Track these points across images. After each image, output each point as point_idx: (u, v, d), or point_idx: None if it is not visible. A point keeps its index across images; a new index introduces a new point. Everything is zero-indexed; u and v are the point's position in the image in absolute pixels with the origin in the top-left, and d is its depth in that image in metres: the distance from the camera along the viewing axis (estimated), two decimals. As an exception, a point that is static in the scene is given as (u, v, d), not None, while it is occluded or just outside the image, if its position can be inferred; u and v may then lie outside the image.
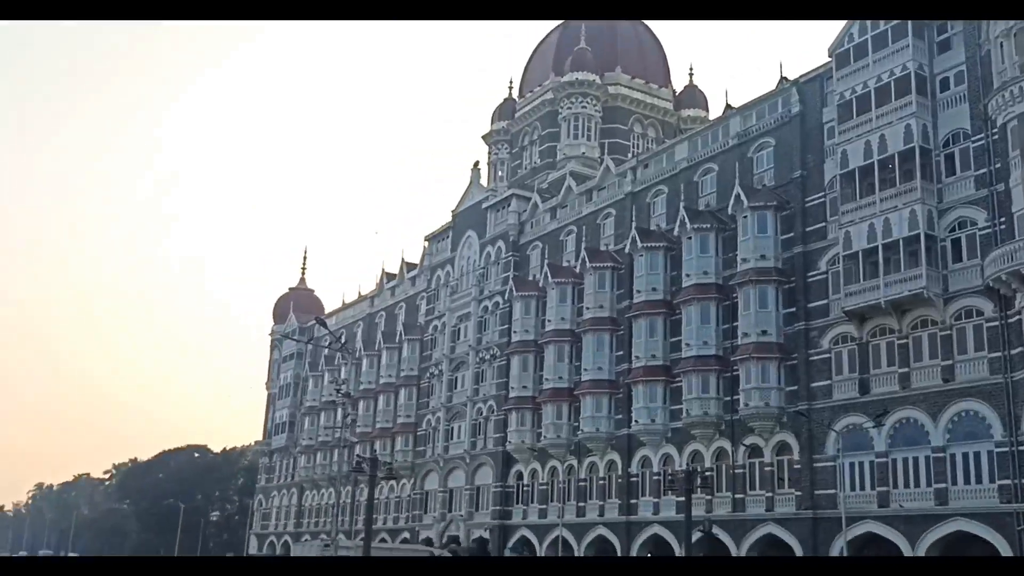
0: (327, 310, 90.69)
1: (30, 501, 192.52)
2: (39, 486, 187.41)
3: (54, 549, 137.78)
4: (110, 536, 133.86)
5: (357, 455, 61.08)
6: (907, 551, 36.60)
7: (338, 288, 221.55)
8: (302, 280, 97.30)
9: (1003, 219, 35.74)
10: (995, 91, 36.21)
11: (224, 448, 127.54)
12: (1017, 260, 33.74)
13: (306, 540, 69.16)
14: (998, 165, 36.41)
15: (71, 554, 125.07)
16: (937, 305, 37.39)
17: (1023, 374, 34.02)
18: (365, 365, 76.22)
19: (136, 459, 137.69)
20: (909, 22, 39.55)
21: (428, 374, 69.76)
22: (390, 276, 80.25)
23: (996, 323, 35.65)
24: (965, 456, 36.00)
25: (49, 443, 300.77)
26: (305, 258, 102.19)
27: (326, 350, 78.56)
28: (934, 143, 39.03)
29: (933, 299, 37.22)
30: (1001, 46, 36.53)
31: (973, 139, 37.89)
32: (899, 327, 38.84)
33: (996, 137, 36.61)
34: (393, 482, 69.03)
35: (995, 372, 35.30)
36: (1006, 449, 34.42)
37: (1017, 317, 34.66)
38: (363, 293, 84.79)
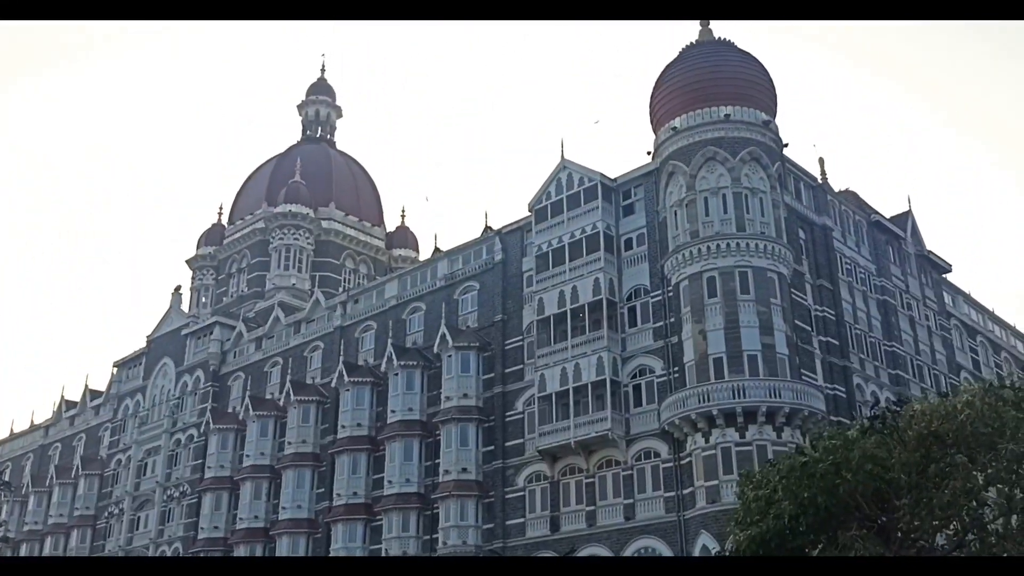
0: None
1: None
2: None
3: None
4: None
5: (12, 608, 53.87)
6: None
7: (7, 416, 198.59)
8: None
9: (676, 368, 39.57)
10: (670, 253, 40.69)
11: None
12: (688, 406, 37.32)
13: None
14: (672, 319, 40.54)
15: None
16: (620, 446, 40.19)
17: (693, 512, 37.05)
18: (32, 503, 68.11)
19: None
20: (599, 185, 43.81)
21: (107, 513, 63.62)
22: (70, 404, 73.27)
23: (671, 464, 38.82)
24: (644, 591, 38.15)
25: None
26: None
27: (-15, 486, 69.50)
28: (619, 296, 42.81)
29: (617, 440, 40.00)
30: (675, 214, 41.35)
31: (652, 294, 42.01)
32: (587, 466, 41.16)
33: (671, 294, 40.91)
34: (55, 638, 61.14)
35: (669, 510, 38.22)
36: (679, 583, 36.96)
37: (688, 459, 37.99)
38: (36, 422, 76.64)
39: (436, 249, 58.73)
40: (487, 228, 51.62)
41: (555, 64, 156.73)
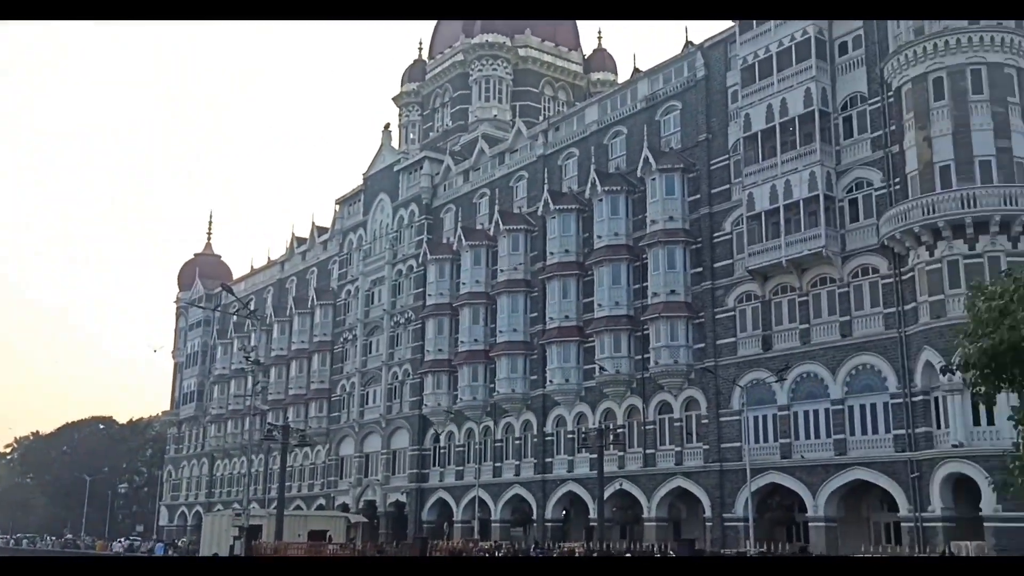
0: (235, 276, 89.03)
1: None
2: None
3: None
4: (16, 511, 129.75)
5: (269, 423, 60.65)
6: (809, 499, 38.29)
7: (246, 253, 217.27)
8: (208, 246, 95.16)
9: (897, 180, 37.25)
10: (891, 55, 37.52)
11: (130, 419, 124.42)
12: (911, 219, 35.27)
13: (218, 510, 68.46)
14: (893, 127, 37.85)
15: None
16: (835, 263, 38.85)
17: (916, 329, 35.67)
18: (276, 331, 75.25)
19: (38, 432, 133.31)
20: (810, -13, 40.49)
21: (342, 339, 69.31)
22: (300, 240, 79.10)
23: (891, 280, 37.24)
24: (862, 408, 37.69)
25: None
26: (211, 223, 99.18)
27: (235, 317, 77.24)
28: (833, 106, 40.26)
29: (831, 257, 38.65)
30: (896, 12, 37.76)
31: (870, 102, 39.21)
32: (800, 285, 40.24)
33: (891, 100, 38.02)
34: (307, 449, 68.61)
35: (890, 327, 36.96)
36: (900, 400, 36.16)
37: (911, 274, 36.26)
38: (273, 258, 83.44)
39: (635, 70, 57.13)
40: (688, 43, 49.39)
41: None
